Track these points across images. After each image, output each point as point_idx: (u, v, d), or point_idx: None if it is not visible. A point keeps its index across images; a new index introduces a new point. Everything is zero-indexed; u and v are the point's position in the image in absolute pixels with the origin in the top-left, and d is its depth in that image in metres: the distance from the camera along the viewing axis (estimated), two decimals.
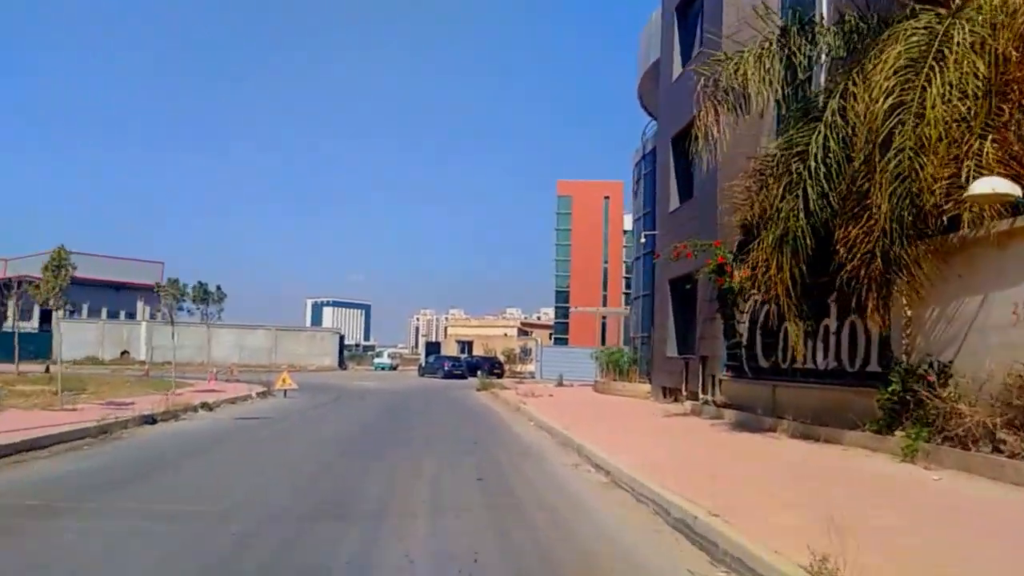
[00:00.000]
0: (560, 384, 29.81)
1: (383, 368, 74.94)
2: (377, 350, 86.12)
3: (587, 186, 59.54)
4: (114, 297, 48.95)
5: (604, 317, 46.55)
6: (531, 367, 43.33)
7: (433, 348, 49.34)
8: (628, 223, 58.06)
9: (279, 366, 39.17)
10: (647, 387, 20.50)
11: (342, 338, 48.76)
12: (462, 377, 38.62)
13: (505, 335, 44.60)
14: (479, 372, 39.36)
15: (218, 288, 34.41)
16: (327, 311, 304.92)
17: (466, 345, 45.25)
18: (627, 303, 36.48)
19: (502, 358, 43.48)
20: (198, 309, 32.15)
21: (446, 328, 48.90)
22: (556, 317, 57.67)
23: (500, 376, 39.98)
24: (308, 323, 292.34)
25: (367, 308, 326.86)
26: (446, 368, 39.50)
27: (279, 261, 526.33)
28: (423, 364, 42.60)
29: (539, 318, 66.38)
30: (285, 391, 20.18)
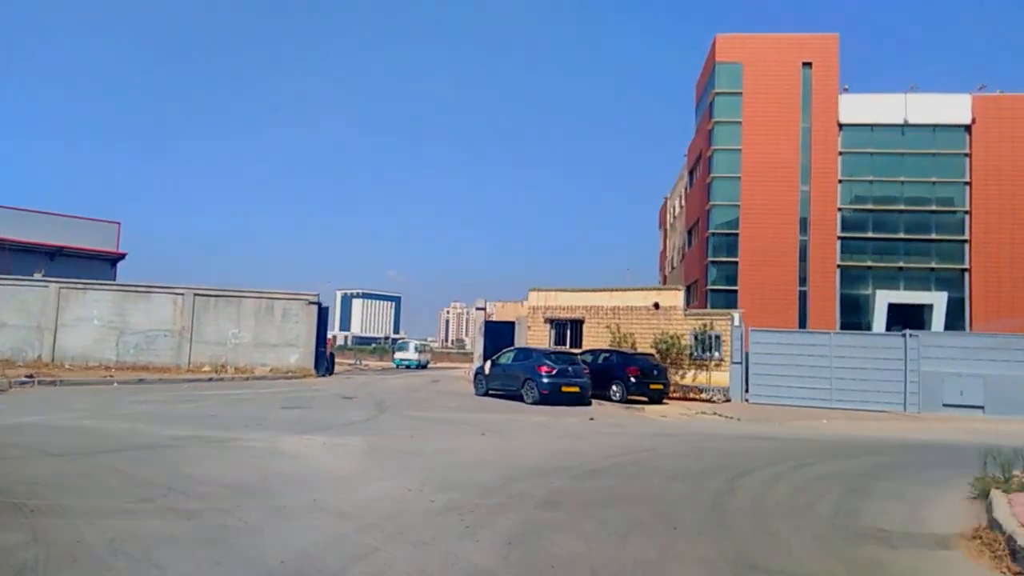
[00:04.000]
0: None
1: (408, 365, 56.67)
2: (399, 341, 66.85)
3: (770, 44, 37.81)
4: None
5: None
6: (721, 374, 22.63)
7: (499, 333, 28.83)
8: (849, 109, 36.97)
9: (199, 369, 26.19)
10: None
11: (323, 311, 28.75)
12: (581, 398, 20.57)
13: (651, 309, 23.78)
14: (615, 385, 21.97)
15: None
16: (356, 303, 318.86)
17: (568, 327, 24.40)
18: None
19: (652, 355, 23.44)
20: None
21: (526, 302, 28.45)
22: (713, 280, 36.37)
23: (665, 392, 22.49)
24: (336, 322, 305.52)
25: (397, 300, 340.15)
26: (547, 376, 19.36)
27: (315, 256, 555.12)
28: (482, 369, 22.04)
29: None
30: None
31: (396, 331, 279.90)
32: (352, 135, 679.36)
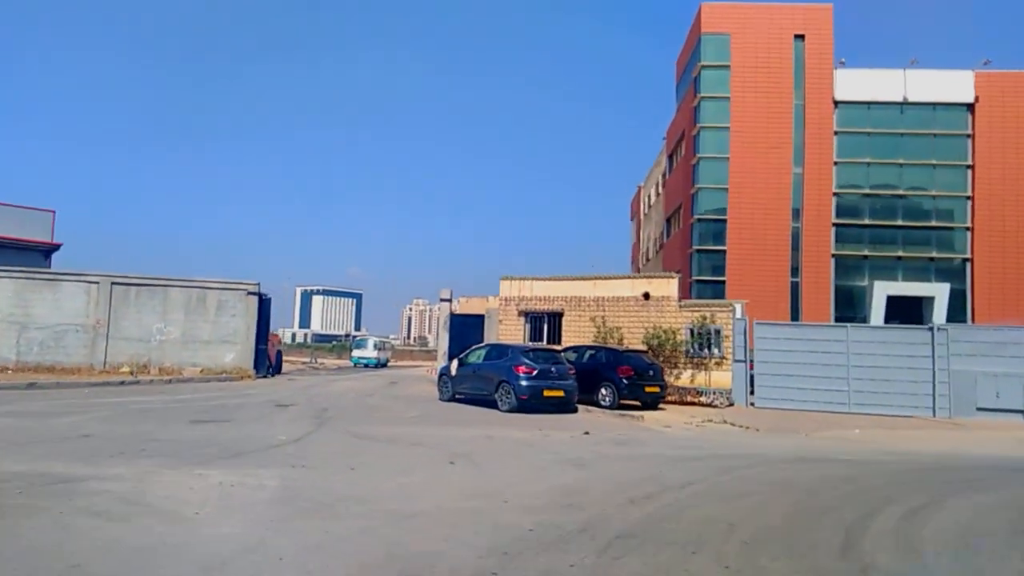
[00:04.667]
0: None
1: (367, 364, 53.44)
2: (357, 339, 63.34)
3: (761, 14, 35.09)
4: None
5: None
6: (722, 374, 19.78)
7: (466, 328, 25.63)
8: (845, 85, 34.17)
9: (116, 370, 23.01)
10: None
11: (265, 303, 25.20)
12: (566, 404, 17.59)
13: (640, 299, 20.84)
14: (604, 388, 18.97)
15: None
16: (316, 300, 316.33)
17: (545, 320, 21.23)
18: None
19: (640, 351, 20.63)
20: None
21: (495, 297, 25.22)
22: (697, 271, 33.63)
23: (661, 395, 19.61)
24: (296, 319, 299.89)
25: (358, 297, 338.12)
26: (526, 378, 16.40)
27: (273, 253, 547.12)
28: (448, 369, 18.68)
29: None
30: None
31: (357, 328, 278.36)
32: (318, 132, 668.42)
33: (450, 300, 26.57)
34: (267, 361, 27.16)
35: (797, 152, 35.12)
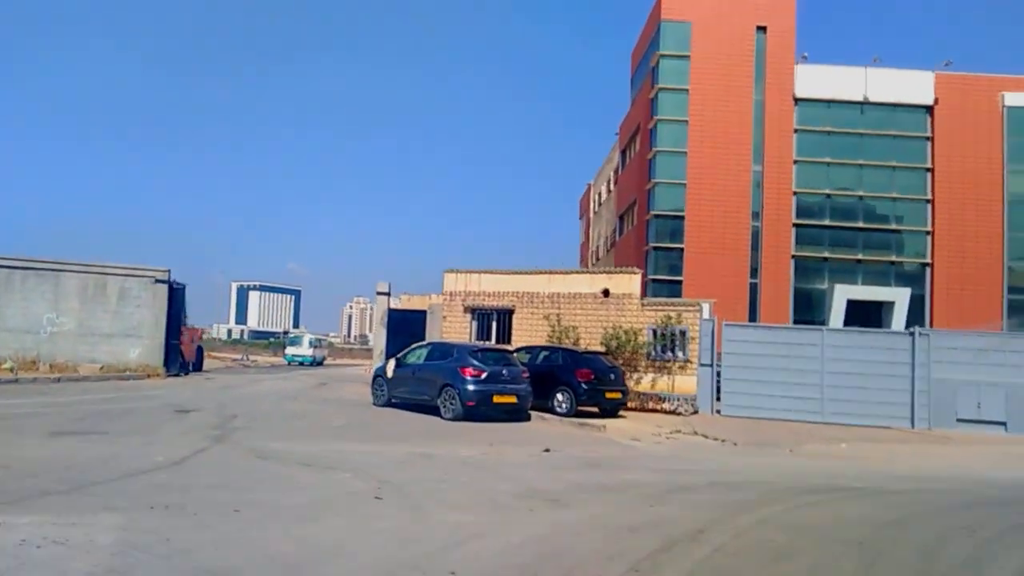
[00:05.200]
0: None
1: (302, 362, 50.78)
2: (292, 336, 60.22)
3: (722, 2, 33.66)
4: None
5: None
6: (686, 379, 18.00)
7: (406, 324, 23.29)
8: (805, 82, 32.97)
9: None
10: None
11: (177, 292, 22.44)
12: (518, 412, 15.60)
13: (599, 296, 18.89)
14: (561, 393, 16.92)
15: None
16: (253, 296, 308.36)
17: (494, 318, 19.01)
18: None
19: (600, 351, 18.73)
20: None
21: (437, 295, 22.96)
22: (654, 270, 32.02)
23: (623, 401, 17.69)
24: (232, 315, 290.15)
25: (297, 293, 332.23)
26: (474, 382, 14.14)
27: (208, 245, 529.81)
28: (383, 370, 16.10)
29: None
30: None
31: (296, 325, 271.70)
32: (256, 126, 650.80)
33: (388, 294, 24.13)
34: (180, 358, 24.23)
35: (757, 149, 33.75)
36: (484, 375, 14.52)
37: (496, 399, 14.59)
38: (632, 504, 7.67)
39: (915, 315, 32.47)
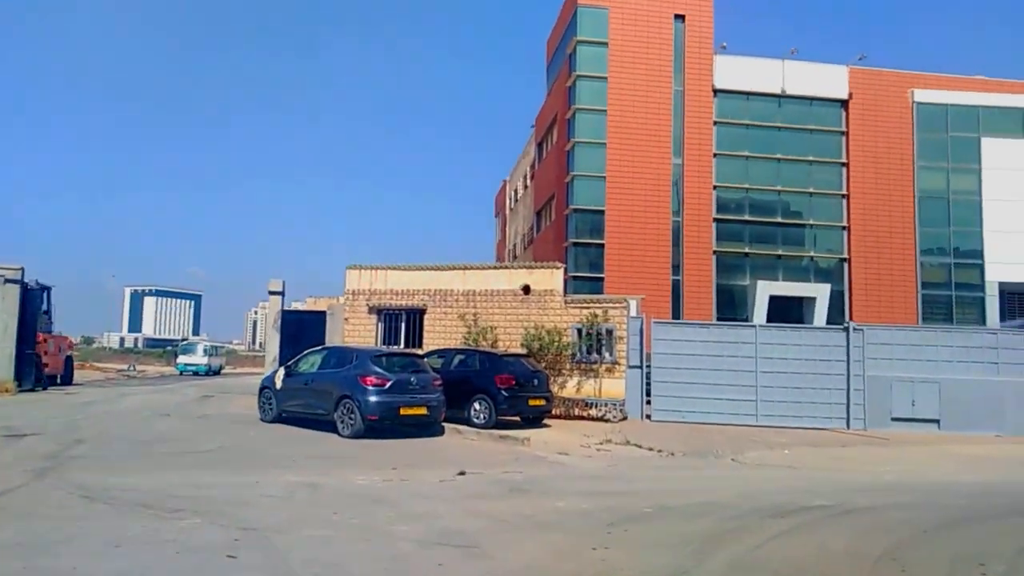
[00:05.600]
0: None
1: (196, 371, 47.21)
2: (184, 343, 56.23)
3: None
4: None
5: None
6: (614, 382, 16.62)
7: (303, 328, 21.08)
8: (724, 73, 32.44)
9: None
10: None
11: (34, 295, 19.59)
12: (430, 425, 13.86)
13: (520, 294, 17.33)
14: (479, 402, 15.25)
15: None
16: (148, 301, 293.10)
17: (403, 319, 17.05)
18: None
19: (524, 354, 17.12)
20: None
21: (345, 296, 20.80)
22: (574, 266, 30.91)
23: (548, 409, 16.26)
24: (124, 322, 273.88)
25: (197, 299, 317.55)
26: (377, 392, 12.28)
27: (100, 246, 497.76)
28: (272, 380, 13.64)
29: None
30: None
31: (196, 332, 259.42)
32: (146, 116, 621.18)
33: (282, 293, 21.82)
34: (38, 370, 21.16)
35: (677, 142, 33.08)
36: (389, 384, 12.64)
37: (403, 411, 12.74)
38: (571, 546, 6.04)
39: (835, 311, 32.50)
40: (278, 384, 14.53)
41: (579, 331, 18.54)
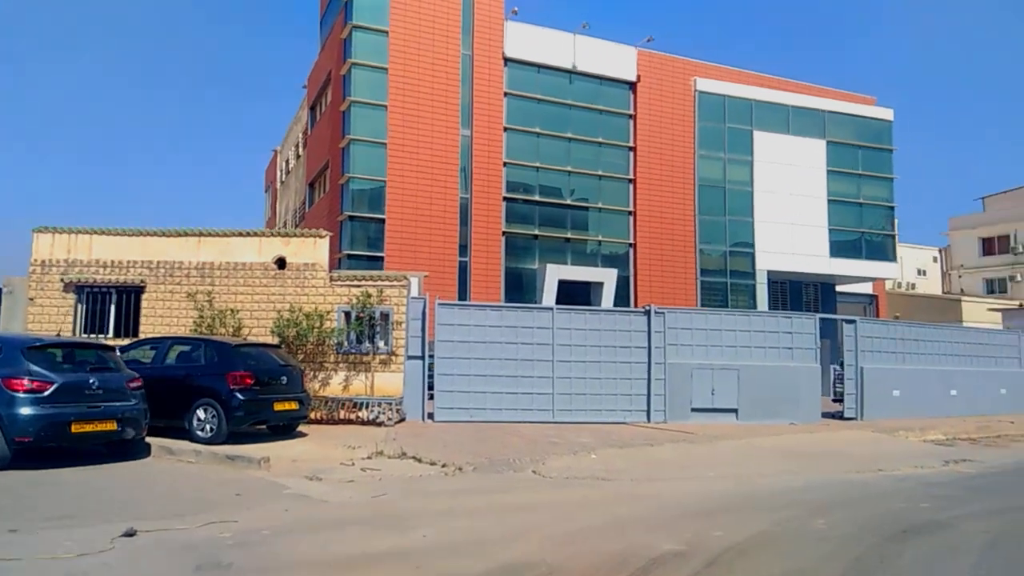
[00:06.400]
0: None
1: None
2: None
3: None
4: None
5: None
6: (391, 376, 13.70)
7: None
8: (516, 42, 30.72)
9: None
10: None
11: None
12: (121, 445, 10.08)
13: (272, 267, 13.85)
14: (202, 409, 11.40)
15: None
16: None
17: (112, 299, 12.81)
18: None
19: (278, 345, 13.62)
20: None
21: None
22: (350, 243, 27.72)
23: (302, 414, 12.86)
24: None
25: None
26: (27, 402, 8.54)
27: None
28: None
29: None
30: None
31: None
32: None
33: None
34: None
35: (465, 111, 30.71)
36: (50, 389, 8.68)
37: (77, 428, 8.85)
38: None
39: (620, 297, 32.04)
40: None
41: (347, 315, 15.33)
